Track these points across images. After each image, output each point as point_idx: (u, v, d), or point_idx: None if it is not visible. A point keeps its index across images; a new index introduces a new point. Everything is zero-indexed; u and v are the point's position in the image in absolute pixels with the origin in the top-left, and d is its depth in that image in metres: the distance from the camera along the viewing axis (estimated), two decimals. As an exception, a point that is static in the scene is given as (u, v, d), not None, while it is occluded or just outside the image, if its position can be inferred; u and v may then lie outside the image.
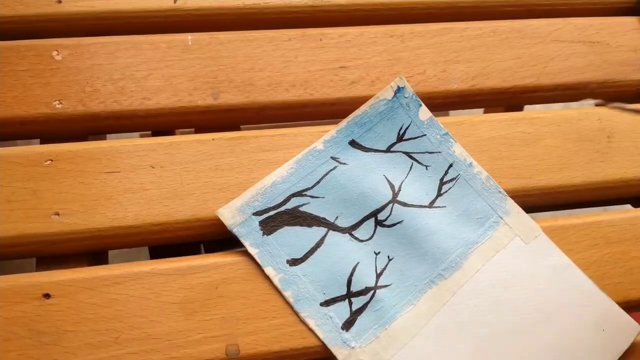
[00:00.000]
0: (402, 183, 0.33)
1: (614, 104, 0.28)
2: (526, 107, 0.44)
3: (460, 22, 0.39)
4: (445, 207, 0.34)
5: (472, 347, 0.31)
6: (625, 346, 0.32)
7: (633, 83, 0.39)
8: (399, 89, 0.35)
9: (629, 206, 0.38)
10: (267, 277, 0.30)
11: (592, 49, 0.39)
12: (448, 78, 0.37)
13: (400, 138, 0.34)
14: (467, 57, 0.37)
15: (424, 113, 0.35)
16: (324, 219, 0.32)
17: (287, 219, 0.31)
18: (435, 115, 0.35)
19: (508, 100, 0.39)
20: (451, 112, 0.45)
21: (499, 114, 0.38)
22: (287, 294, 0.30)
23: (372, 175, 0.33)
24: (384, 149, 0.34)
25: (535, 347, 0.31)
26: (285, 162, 0.33)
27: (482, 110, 0.53)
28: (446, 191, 0.34)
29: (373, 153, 0.34)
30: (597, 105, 0.26)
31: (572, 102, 0.39)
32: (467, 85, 0.37)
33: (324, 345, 0.29)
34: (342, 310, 0.30)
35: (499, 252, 0.33)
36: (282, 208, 0.31)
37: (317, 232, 0.31)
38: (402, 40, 0.37)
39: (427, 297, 0.31)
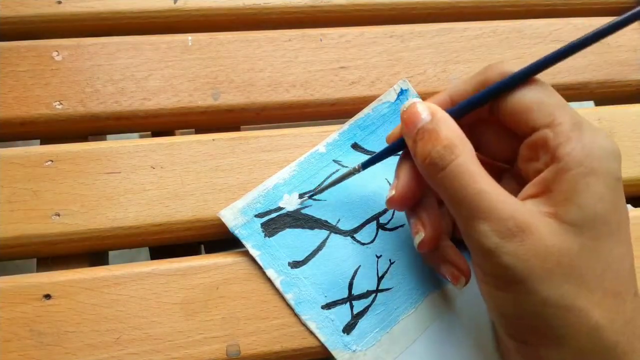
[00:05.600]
0: None
1: None
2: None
3: (460, 22, 0.38)
4: None
5: (475, 351, 0.31)
6: None
7: (633, 83, 0.39)
8: (402, 92, 0.35)
9: (629, 206, 0.38)
10: (267, 278, 0.30)
11: (592, 49, 0.39)
12: (448, 78, 0.37)
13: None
14: (467, 57, 0.37)
15: None
16: (326, 221, 0.31)
17: (289, 221, 0.31)
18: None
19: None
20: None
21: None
22: (288, 296, 0.30)
23: (374, 179, 0.33)
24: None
25: None
26: (286, 162, 0.33)
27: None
28: None
29: None
30: None
31: (572, 102, 0.39)
32: (467, 86, 0.37)
33: (324, 345, 0.30)
34: (343, 314, 0.30)
35: None
36: (284, 210, 0.31)
37: (319, 234, 0.31)
38: (402, 40, 0.37)
39: (429, 300, 0.31)
